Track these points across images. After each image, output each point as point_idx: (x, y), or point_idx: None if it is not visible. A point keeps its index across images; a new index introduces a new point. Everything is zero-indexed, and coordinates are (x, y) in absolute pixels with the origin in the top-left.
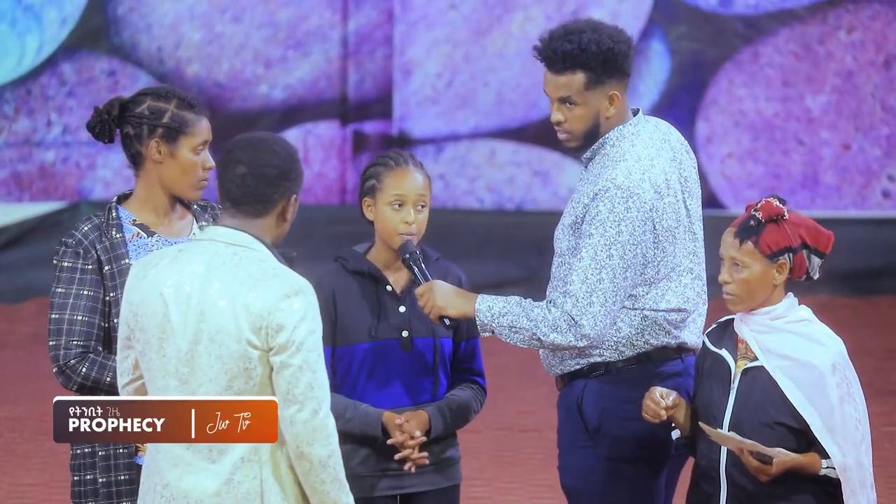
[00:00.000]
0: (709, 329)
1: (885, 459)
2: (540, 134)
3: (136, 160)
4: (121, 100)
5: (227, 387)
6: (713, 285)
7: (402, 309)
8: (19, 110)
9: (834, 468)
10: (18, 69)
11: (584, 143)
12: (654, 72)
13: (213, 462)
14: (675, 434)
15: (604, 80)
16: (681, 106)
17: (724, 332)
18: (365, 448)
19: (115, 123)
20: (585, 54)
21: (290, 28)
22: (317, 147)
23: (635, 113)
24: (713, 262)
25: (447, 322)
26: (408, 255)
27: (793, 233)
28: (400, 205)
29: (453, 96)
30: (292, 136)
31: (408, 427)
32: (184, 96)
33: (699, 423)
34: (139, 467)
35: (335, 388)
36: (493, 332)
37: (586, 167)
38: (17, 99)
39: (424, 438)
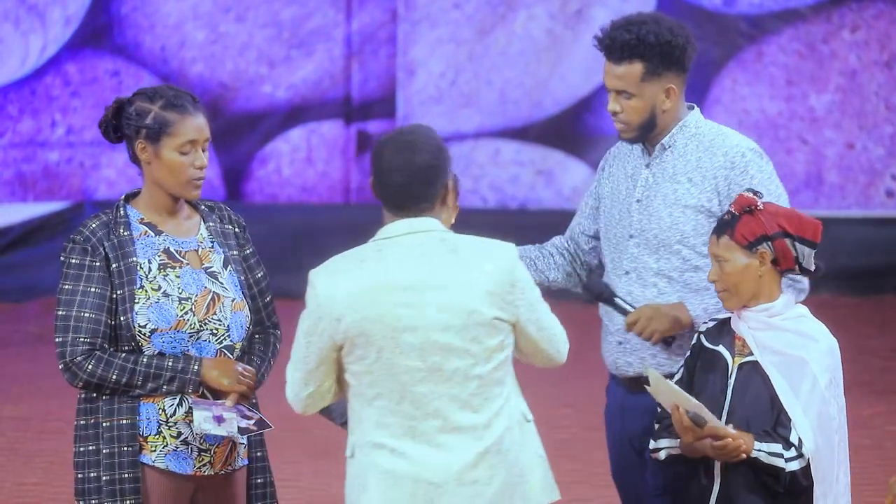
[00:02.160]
0: (705, 326)
1: (888, 458)
2: (543, 133)
3: (134, 160)
4: (119, 100)
5: (474, 363)
6: None
7: None
8: (23, 110)
9: (766, 452)
10: (22, 69)
11: (640, 135)
12: None
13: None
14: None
15: (661, 72)
16: None
17: (721, 330)
18: None
19: (114, 123)
20: (643, 45)
21: (293, 27)
22: (320, 146)
23: (690, 109)
24: None
25: (670, 341)
26: (602, 293)
27: (768, 221)
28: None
29: (457, 95)
30: (296, 135)
31: None
32: (172, 96)
33: (647, 369)
34: (143, 465)
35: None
36: None
37: (656, 154)
38: (21, 99)
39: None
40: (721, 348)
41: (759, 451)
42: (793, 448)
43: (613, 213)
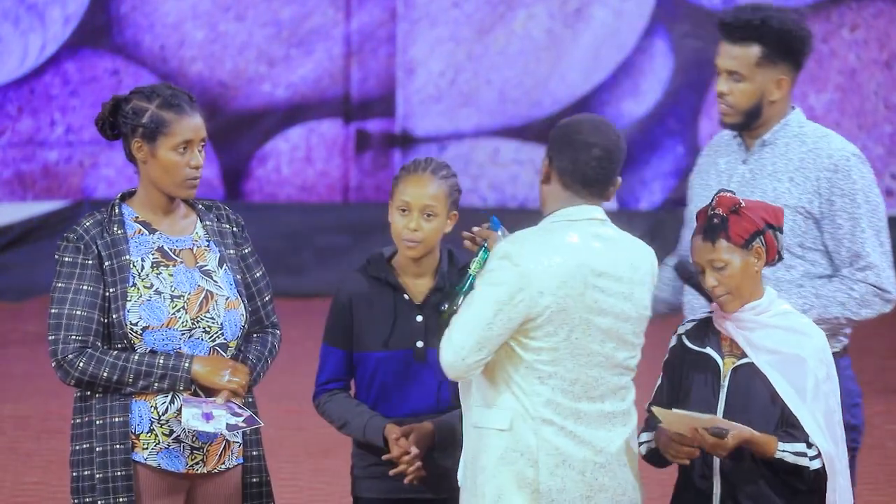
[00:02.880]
0: (683, 328)
1: (888, 458)
2: (543, 132)
3: (131, 159)
4: (116, 98)
5: (632, 356)
6: None
7: (418, 318)
8: (22, 110)
9: (791, 453)
10: (21, 68)
11: (743, 122)
12: (657, 70)
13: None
14: (645, 441)
15: (776, 60)
16: (684, 104)
17: (704, 331)
18: (371, 454)
19: (111, 121)
20: (765, 27)
21: (293, 26)
22: (320, 145)
23: (792, 109)
24: None
25: None
26: (689, 278)
27: (755, 216)
28: (405, 210)
29: (456, 94)
30: (295, 134)
31: (403, 443)
32: (169, 95)
33: (652, 408)
34: (136, 463)
35: (356, 391)
36: None
37: (755, 150)
38: (21, 98)
39: (416, 451)
40: (709, 350)
41: (784, 451)
42: (813, 446)
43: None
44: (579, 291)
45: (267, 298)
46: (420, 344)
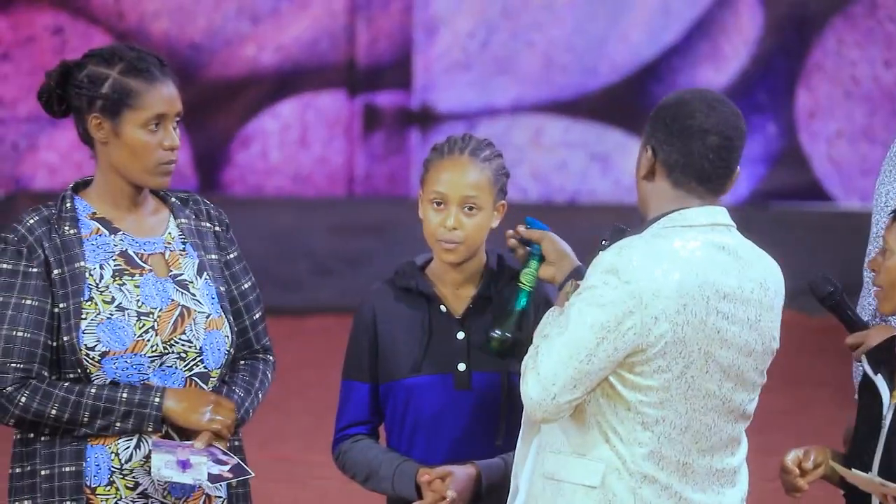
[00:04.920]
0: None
1: None
2: (599, 107)
3: (86, 140)
4: (65, 64)
5: (751, 399)
6: None
7: (459, 335)
8: None
9: None
10: None
11: None
12: (743, 29)
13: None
14: None
15: None
16: (777, 72)
17: (888, 352)
18: None
19: (59, 93)
20: None
21: None
22: (318, 124)
23: None
24: None
25: None
26: (826, 296)
27: None
28: (440, 203)
29: (489, 60)
30: (287, 109)
31: (438, 486)
32: (135, 58)
33: (829, 461)
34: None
35: (386, 434)
36: None
37: None
38: None
39: (453, 496)
40: (878, 378)
41: None
42: None
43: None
44: (701, 318)
45: (257, 316)
46: (462, 367)
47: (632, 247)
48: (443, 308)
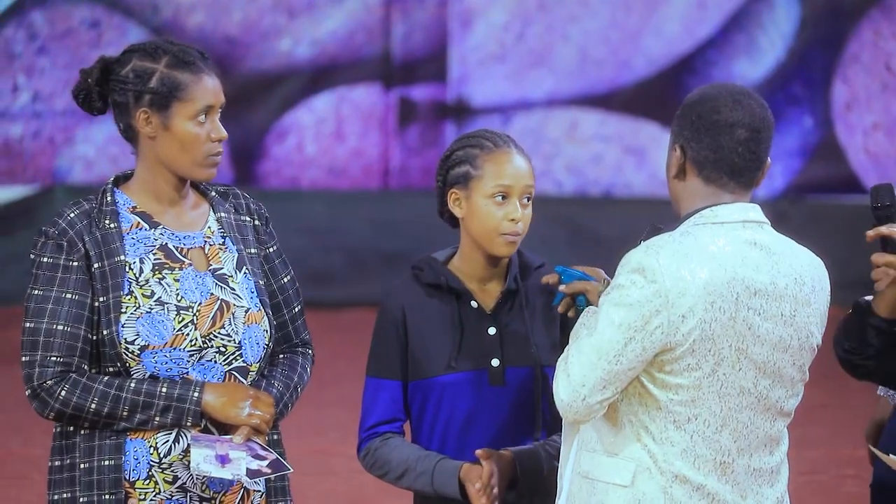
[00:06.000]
0: None
1: None
2: (633, 101)
3: (128, 135)
4: (105, 60)
5: (790, 395)
6: None
7: (491, 331)
8: None
9: None
10: None
11: None
12: (779, 22)
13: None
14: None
15: None
16: (813, 65)
17: None
18: None
19: (99, 90)
20: None
21: None
22: (353, 117)
23: None
24: None
25: None
26: (880, 207)
27: None
28: (504, 197)
29: (524, 53)
30: (322, 103)
31: (486, 479)
32: (179, 51)
33: (869, 446)
34: None
35: (412, 433)
36: None
37: None
38: None
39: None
40: None
41: None
42: None
43: None
44: (730, 315)
45: (297, 310)
46: (496, 362)
47: (659, 245)
48: (473, 304)
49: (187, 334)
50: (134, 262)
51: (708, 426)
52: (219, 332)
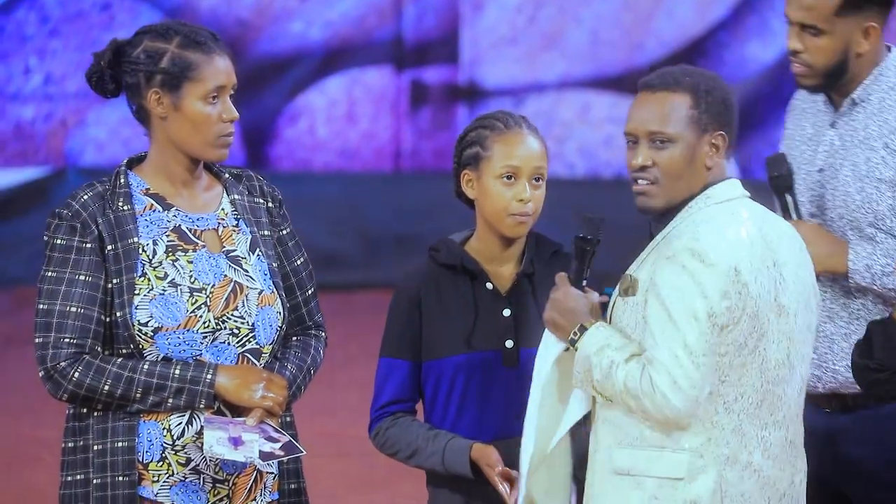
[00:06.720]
0: None
1: None
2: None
3: (141, 116)
4: (116, 42)
5: (806, 361)
6: None
7: (506, 312)
8: None
9: None
10: None
11: (823, 83)
12: None
13: None
14: None
15: (862, 4)
16: None
17: None
18: (457, 494)
19: (111, 73)
20: None
21: None
22: (365, 100)
23: (888, 51)
24: None
25: None
26: (779, 177)
27: None
28: (512, 177)
29: (536, 35)
30: (334, 85)
31: (504, 470)
32: (190, 32)
33: None
34: (143, 500)
35: (425, 413)
36: None
37: (844, 110)
38: None
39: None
40: None
41: None
42: None
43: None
44: (768, 289)
45: (310, 292)
46: (510, 344)
47: (698, 229)
48: (489, 285)
49: (200, 316)
50: (147, 244)
51: (751, 402)
52: (232, 314)
